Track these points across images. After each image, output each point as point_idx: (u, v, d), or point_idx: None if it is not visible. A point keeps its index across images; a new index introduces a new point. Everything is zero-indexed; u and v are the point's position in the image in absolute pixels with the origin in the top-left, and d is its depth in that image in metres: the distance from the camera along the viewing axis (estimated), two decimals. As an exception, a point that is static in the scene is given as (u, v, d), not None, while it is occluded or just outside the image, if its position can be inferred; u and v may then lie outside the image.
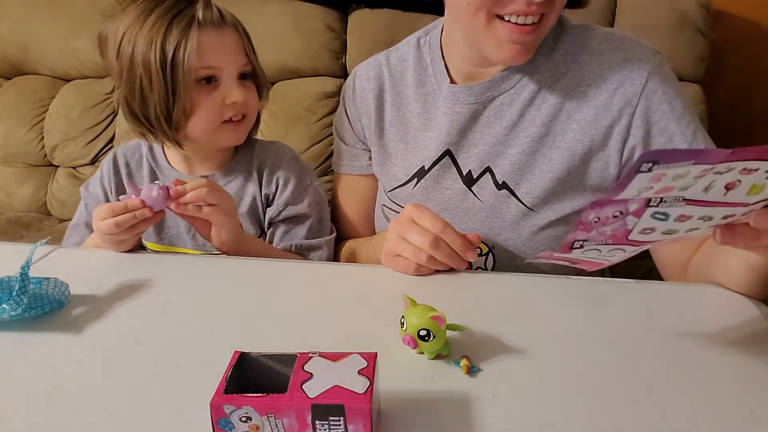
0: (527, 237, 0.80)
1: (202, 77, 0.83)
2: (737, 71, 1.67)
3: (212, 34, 0.83)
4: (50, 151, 1.70)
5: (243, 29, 0.88)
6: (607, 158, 0.77)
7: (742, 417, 0.50)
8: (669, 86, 0.76)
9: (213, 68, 0.83)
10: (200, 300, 0.69)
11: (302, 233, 0.91)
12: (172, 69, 0.81)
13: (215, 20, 0.83)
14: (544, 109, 0.78)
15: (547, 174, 0.78)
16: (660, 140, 0.75)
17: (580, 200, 0.79)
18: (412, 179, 0.87)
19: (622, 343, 0.60)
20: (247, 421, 0.45)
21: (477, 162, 0.82)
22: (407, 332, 0.56)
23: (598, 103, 0.76)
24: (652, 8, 1.45)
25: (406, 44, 0.90)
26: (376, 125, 0.90)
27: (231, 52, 0.85)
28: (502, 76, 0.80)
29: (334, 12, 1.57)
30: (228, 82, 0.85)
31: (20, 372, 0.58)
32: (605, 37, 0.79)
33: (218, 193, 0.79)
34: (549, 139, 0.78)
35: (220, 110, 0.85)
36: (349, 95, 0.93)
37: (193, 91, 0.83)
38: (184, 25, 0.81)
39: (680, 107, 0.75)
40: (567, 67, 0.78)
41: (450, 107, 0.82)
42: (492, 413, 0.51)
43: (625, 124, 0.76)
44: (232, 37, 0.85)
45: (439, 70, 0.84)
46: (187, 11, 0.82)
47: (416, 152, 0.87)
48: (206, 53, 0.82)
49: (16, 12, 1.72)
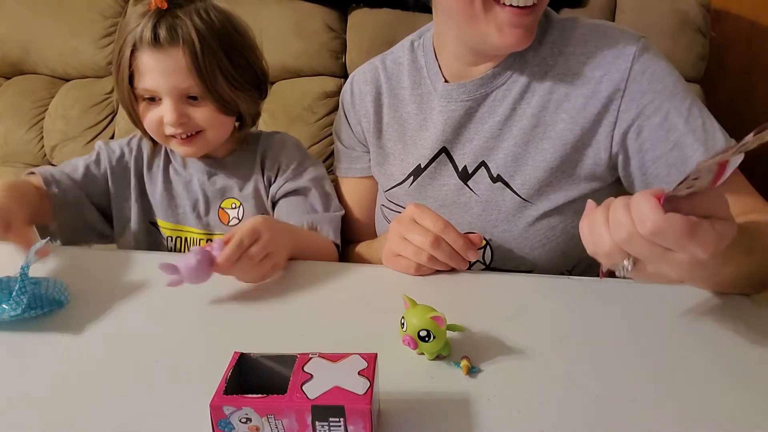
0: (523, 228, 0.81)
1: (144, 96, 0.86)
2: (737, 71, 1.67)
3: (151, 57, 0.82)
4: (50, 150, 1.69)
5: (200, 47, 0.82)
6: (598, 145, 0.78)
7: (742, 417, 0.50)
8: (656, 66, 0.76)
9: (149, 90, 0.84)
10: (200, 300, 0.69)
11: (306, 206, 0.92)
12: (118, 84, 0.86)
13: (161, 40, 0.81)
14: (534, 102, 0.79)
15: (540, 164, 0.79)
16: (655, 120, 0.75)
17: (574, 190, 0.80)
18: (409, 177, 0.88)
19: (622, 343, 0.60)
20: (246, 422, 0.45)
21: (472, 157, 0.83)
22: (407, 333, 0.56)
23: (586, 91, 0.77)
24: (652, 8, 1.45)
25: (400, 47, 0.92)
26: (375, 127, 0.91)
27: (169, 75, 0.83)
28: (493, 73, 0.81)
29: (333, 12, 1.57)
30: (165, 104, 0.85)
31: (20, 372, 0.58)
32: (589, 28, 0.80)
33: (265, 242, 0.70)
34: (540, 130, 0.79)
35: (160, 127, 0.87)
36: (347, 99, 0.95)
37: (137, 106, 0.87)
38: (132, 43, 0.82)
39: (672, 84, 0.76)
40: (554, 60, 0.79)
41: (444, 105, 0.83)
42: (492, 413, 0.51)
43: (614, 110, 0.76)
44: (174, 59, 0.82)
45: (433, 71, 0.85)
46: (138, 29, 0.82)
47: (413, 151, 0.88)
48: (143, 75, 0.83)
49: (16, 12, 1.71)
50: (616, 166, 0.79)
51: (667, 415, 0.50)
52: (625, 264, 0.53)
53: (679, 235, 0.48)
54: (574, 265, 0.84)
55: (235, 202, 0.94)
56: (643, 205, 0.49)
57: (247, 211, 0.93)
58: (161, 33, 0.81)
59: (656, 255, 0.51)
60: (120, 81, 0.85)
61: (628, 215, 0.50)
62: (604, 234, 0.52)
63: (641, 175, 0.78)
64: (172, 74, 0.83)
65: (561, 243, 0.81)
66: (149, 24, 0.81)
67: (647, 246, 0.50)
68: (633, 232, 0.50)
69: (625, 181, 0.81)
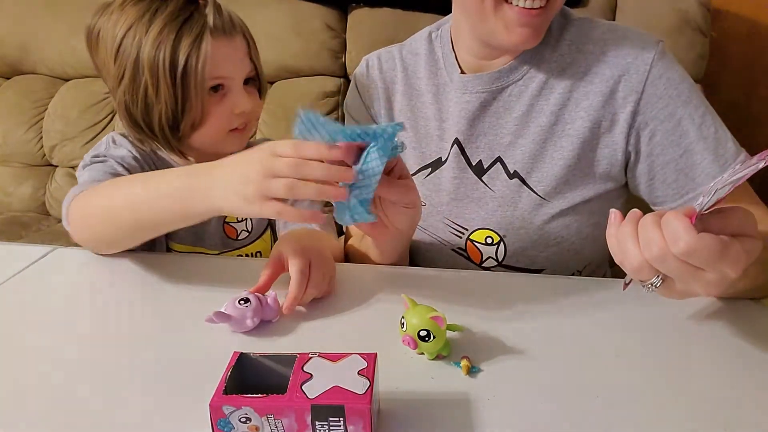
0: (538, 227, 0.81)
1: (212, 86, 0.80)
2: (737, 70, 1.67)
3: (224, 42, 0.79)
4: (49, 151, 1.69)
5: (249, 33, 0.85)
6: (614, 145, 0.78)
7: (742, 417, 0.50)
8: (673, 72, 0.77)
9: (224, 78, 0.80)
10: (200, 300, 0.69)
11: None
12: (183, 78, 0.77)
13: (226, 27, 0.80)
14: (553, 99, 0.80)
15: (558, 162, 0.80)
16: (668, 125, 0.76)
17: (590, 189, 0.80)
18: (426, 168, 0.87)
19: (621, 343, 0.60)
20: (246, 421, 0.45)
21: (487, 152, 0.83)
22: (407, 332, 0.56)
23: (605, 89, 0.77)
24: (652, 7, 1.46)
25: (418, 38, 0.91)
26: (386, 113, 0.91)
27: (240, 59, 0.82)
28: (510, 67, 0.81)
29: (333, 11, 1.57)
30: (236, 91, 0.82)
31: (20, 372, 0.58)
32: (608, 28, 0.80)
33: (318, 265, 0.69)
34: (558, 128, 0.80)
35: (229, 120, 0.83)
36: (362, 81, 0.93)
37: (204, 102, 0.79)
38: (197, 32, 0.77)
39: (687, 91, 0.76)
40: (572, 57, 0.80)
41: (460, 96, 0.83)
42: (492, 413, 0.51)
43: (630, 111, 0.77)
44: (241, 43, 0.82)
45: (450, 62, 0.85)
46: (198, 16, 0.78)
47: (428, 142, 0.87)
48: (219, 62, 0.78)
49: (15, 12, 1.71)
50: (629, 167, 0.80)
51: (668, 416, 0.50)
52: (653, 281, 0.53)
53: (712, 255, 0.48)
54: (585, 266, 0.85)
55: None
56: (676, 224, 0.48)
57: (254, 221, 0.90)
58: (227, 20, 0.80)
59: (687, 274, 0.50)
60: (191, 74, 0.77)
61: (660, 233, 0.50)
62: (634, 250, 0.52)
63: (648, 180, 0.78)
64: (240, 58, 0.82)
65: (575, 242, 0.81)
66: (210, 12, 0.79)
67: (679, 265, 0.50)
68: (665, 251, 0.49)
69: (631, 183, 0.81)
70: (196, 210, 0.65)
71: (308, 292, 0.66)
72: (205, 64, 0.77)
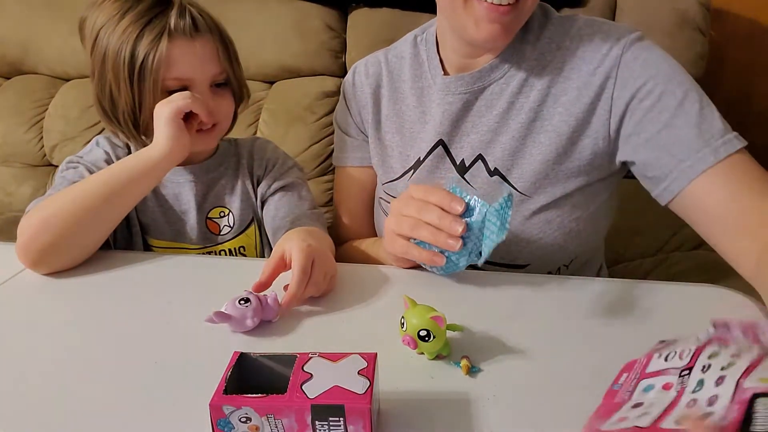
0: (520, 222, 0.82)
1: (171, 88, 0.81)
2: (737, 70, 1.67)
3: (183, 44, 0.80)
4: (49, 151, 1.69)
5: (221, 35, 0.85)
6: (594, 134, 0.78)
7: (742, 417, 0.50)
8: (651, 53, 0.76)
9: (182, 80, 0.81)
10: (200, 300, 0.69)
11: (298, 201, 0.90)
12: (139, 77, 0.79)
13: (187, 29, 0.80)
14: (532, 96, 0.80)
15: (536, 158, 0.80)
16: (647, 103, 0.75)
17: (571, 183, 0.80)
18: (408, 171, 0.88)
19: (621, 343, 0.60)
20: (246, 421, 0.45)
21: (469, 151, 0.84)
22: (407, 332, 0.56)
23: (580, 83, 0.78)
24: (651, 7, 1.45)
25: (403, 42, 0.93)
26: (374, 119, 0.92)
27: (202, 62, 0.82)
28: (491, 66, 0.81)
29: (333, 11, 1.56)
30: (201, 93, 0.82)
31: (20, 372, 0.58)
32: (586, 22, 0.81)
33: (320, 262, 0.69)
34: (537, 124, 0.80)
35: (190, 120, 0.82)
36: (349, 90, 0.96)
37: (160, 101, 0.80)
38: (156, 33, 0.79)
39: (667, 70, 0.76)
40: (552, 55, 0.80)
41: (442, 98, 0.84)
42: (492, 413, 0.51)
43: (606, 98, 0.77)
44: (205, 46, 0.82)
45: (434, 64, 0.86)
46: (161, 17, 0.79)
47: (412, 144, 0.88)
48: (176, 64, 0.80)
49: (16, 12, 1.71)
50: (615, 154, 0.79)
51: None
52: None
53: None
54: (572, 260, 0.85)
55: (223, 210, 0.91)
56: None
57: (236, 216, 0.91)
58: (188, 22, 0.80)
59: None
60: (147, 74, 0.79)
61: None
62: None
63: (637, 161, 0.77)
64: (203, 61, 0.82)
65: (558, 237, 0.82)
66: (173, 14, 0.79)
67: None
68: None
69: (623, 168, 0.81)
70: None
71: (307, 290, 0.66)
72: (160, 65, 0.79)
